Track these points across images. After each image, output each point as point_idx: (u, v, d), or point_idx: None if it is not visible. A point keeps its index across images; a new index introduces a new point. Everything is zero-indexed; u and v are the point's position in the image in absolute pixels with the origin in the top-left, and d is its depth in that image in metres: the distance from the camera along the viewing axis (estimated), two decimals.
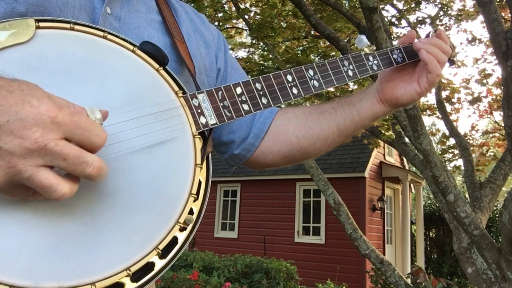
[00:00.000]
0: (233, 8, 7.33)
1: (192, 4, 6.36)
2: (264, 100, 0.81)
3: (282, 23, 6.96)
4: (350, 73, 0.92)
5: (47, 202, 0.53)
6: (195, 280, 6.53)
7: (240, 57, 7.88)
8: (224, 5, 7.46)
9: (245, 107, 0.78)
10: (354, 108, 0.97)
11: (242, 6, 7.16)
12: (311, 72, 0.88)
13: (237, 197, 11.67)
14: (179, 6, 0.95)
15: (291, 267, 7.97)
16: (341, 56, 0.94)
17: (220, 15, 7.46)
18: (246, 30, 8.14)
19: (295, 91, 0.85)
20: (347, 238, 5.75)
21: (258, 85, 0.81)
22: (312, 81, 0.87)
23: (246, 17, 7.10)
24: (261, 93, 0.81)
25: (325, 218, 10.15)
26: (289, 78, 0.85)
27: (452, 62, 1.08)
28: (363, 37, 0.98)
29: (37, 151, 0.47)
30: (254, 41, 7.26)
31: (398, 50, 0.98)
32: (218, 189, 12.00)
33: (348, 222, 5.00)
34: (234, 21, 8.01)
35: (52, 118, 0.49)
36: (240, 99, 0.78)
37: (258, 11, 7.19)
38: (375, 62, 0.95)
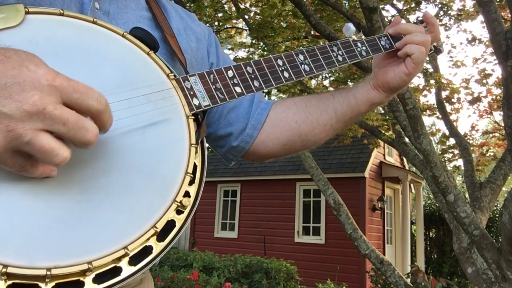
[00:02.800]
0: (233, 8, 7.33)
1: (192, 4, 6.36)
2: (256, 83, 0.82)
3: (282, 23, 6.96)
4: (340, 58, 0.94)
5: (41, 181, 0.53)
6: (195, 280, 6.52)
7: (240, 57, 7.88)
8: (224, 5, 7.46)
9: (238, 89, 0.79)
10: (350, 93, 1.00)
11: (242, 6, 7.16)
12: (301, 57, 0.89)
13: (237, 197, 11.66)
14: (169, 5, 0.96)
15: (291, 267, 7.96)
16: (330, 42, 0.95)
17: (220, 15, 7.46)
18: (246, 30, 8.14)
19: (286, 74, 0.86)
20: (347, 238, 5.75)
21: (249, 69, 0.82)
22: (302, 65, 0.89)
23: (246, 17, 7.10)
24: (253, 76, 0.82)
25: (325, 218, 10.15)
26: (280, 62, 0.87)
27: (438, 51, 1.09)
28: (351, 25, 0.99)
29: (36, 115, 0.47)
30: (254, 41, 7.26)
31: (386, 37, 1.00)
32: (218, 189, 11.99)
33: (348, 222, 5.00)
34: (234, 21, 8.01)
35: (50, 81, 0.48)
36: (232, 81, 0.79)
37: (258, 11, 7.18)
38: (364, 48, 0.97)
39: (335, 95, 1.00)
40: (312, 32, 7.10)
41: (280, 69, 0.86)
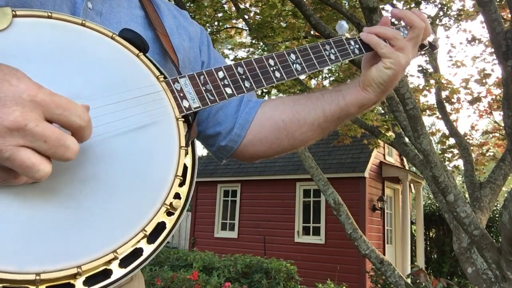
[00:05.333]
0: (233, 8, 7.33)
1: (192, 4, 6.36)
2: (247, 84, 0.81)
3: (282, 23, 6.96)
4: (332, 56, 0.93)
5: (29, 187, 0.53)
6: (195, 280, 6.52)
7: (240, 57, 7.89)
8: (224, 5, 7.46)
9: (228, 90, 0.78)
10: (340, 93, 0.98)
11: (242, 6, 7.16)
12: (293, 56, 0.88)
13: (237, 197, 11.66)
14: (162, 3, 0.96)
15: (291, 267, 7.96)
16: (323, 40, 0.94)
17: (220, 15, 7.46)
18: (246, 30, 8.14)
19: (277, 74, 0.86)
20: (347, 238, 5.75)
21: (240, 69, 0.81)
22: (294, 65, 0.88)
23: (246, 17, 7.11)
24: (244, 77, 0.81)
25: (325, 218, 10.15)
26: (271, 62, 0.86)
27: (433, 47, 1.09)
28: (343, 23, 0.97)
29: (17, 131, 0.46)
30: (254, 41, 7.26)
31: None
32: (218, 189, 11.99)
33: (348, 222, 5.00)
34: (234, 21, 8.01)
35: (32, 96, 0.47)
36: (222, 83, 0.78)
37: (258, 11, 7.19)
38: (357, 46, 0.96)
39: (325, 94, 0.99)
40: (312, 32, 7.11)
41: (272, 69, 0.85)
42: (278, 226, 10.65)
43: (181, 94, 0.72)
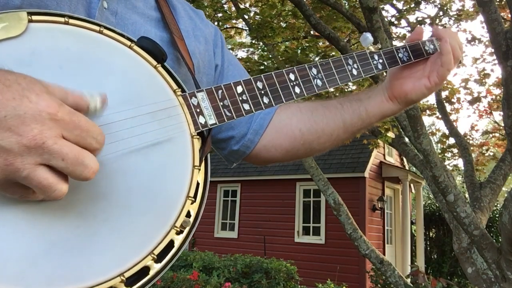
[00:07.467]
0: (233, 8, 7.33)
1: (192, 4, 6.35)
2: (265, 100, 0.78)
3: (281, 23, 6.96)
4: (355, 72, 0.89)
5: (39, 205, 0.52)
6: (195, 280, 6.52)
7: (240, 57, 7.89)
8: (224, 5, 7.46)
9: (246, 106, 0.76)
10: (361, 104, 0.95)
11: (241, 6, 7.16)
12: (314, 70, 0.85)
13: (237, 197, 11.66)
14: (178, 4, 0.93)
15: (291, 267, 7.96)
16: (346, 54, 0.91)
17: (219, 15, 7.45)
18: (245, 30, 8.14)
19: (297, 90, 0.82)
20: (347, 238, 5.75)
21: (259, 84, 0.78)
22: (315, 80, 0.85)
23: (246, 17, 7.10)
24: (263, 92, 0.78)
25: (325, 218, 10.15)
26: (292, 77, 0.83)
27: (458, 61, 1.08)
28: (368, 35, 0.93)
29: (35, 149, 0.46)
30: (253, 41, 7.26)
31: (404, 49, 0.96)
32: (218, 189, 11.99)
33: (348, 222, 5.00)
34: (234, 21, 8.01)
35: (52, 115, 0.47)
36: (240, 98, 0.75)
37: (258, 11, 7.19)
38: (380, 61, 0.93)
39: (344, 104, 0.96)
40: (312, 32, 7.10)
41: (292, 84, 0.82)
42: (278, 226, 10.66)
43: (198, 110, 0.70)
